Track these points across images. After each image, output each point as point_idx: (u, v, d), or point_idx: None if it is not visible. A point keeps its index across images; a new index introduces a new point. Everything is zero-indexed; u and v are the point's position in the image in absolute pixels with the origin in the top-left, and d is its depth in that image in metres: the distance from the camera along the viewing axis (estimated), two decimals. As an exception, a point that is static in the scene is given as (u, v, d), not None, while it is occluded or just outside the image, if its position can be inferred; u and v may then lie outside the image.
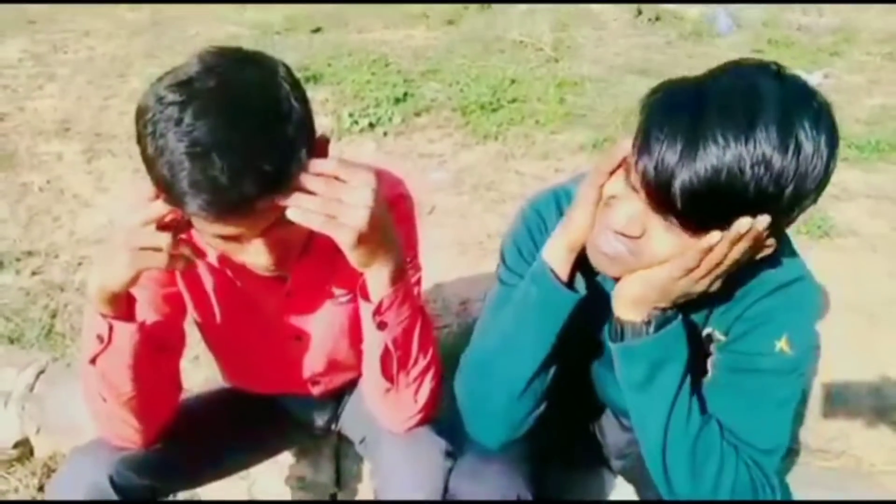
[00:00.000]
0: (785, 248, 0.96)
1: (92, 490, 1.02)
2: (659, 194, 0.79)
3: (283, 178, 0.83)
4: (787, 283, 0.96)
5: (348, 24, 4.71)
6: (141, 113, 0.84)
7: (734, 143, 0.73)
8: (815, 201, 0.80)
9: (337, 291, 1.15)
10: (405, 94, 3.59)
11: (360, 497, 1.64)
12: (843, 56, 4.37)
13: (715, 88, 0.79)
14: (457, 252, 2.47)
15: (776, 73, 0.79)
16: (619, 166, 0.88)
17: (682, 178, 0.75)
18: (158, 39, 4.49)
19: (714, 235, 0.80)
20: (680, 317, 0.94)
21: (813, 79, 3.94)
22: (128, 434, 1.08)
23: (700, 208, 0.77)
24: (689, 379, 0.95)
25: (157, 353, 1.04)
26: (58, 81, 3.93)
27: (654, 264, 0.88)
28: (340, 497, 1.66)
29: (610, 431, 1.39)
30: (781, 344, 0.94)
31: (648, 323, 0.93)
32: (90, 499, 1.02)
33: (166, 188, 0.83)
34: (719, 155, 0.74)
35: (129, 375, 1.00)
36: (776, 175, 0.74)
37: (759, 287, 0.96)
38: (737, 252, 0.81)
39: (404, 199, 1.14)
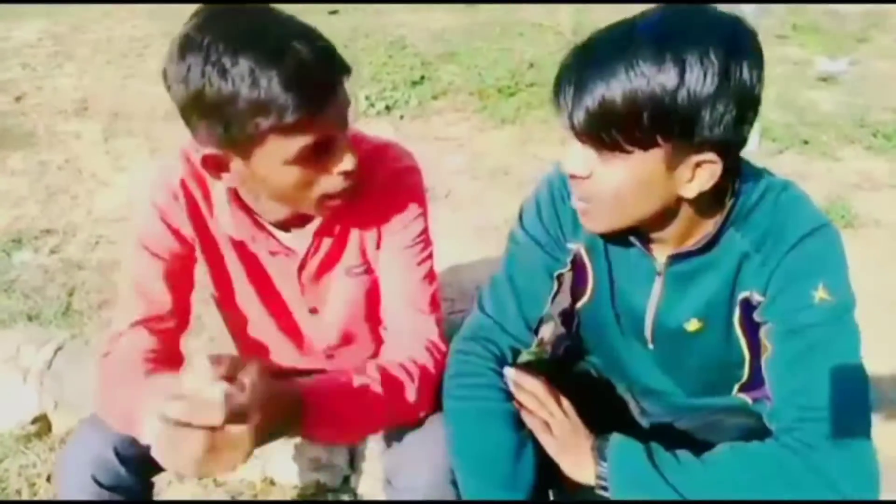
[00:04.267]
0: (802, 201, 0.96)
1: (97, 463, 1.02)
2: (572, 129, 0.84)
3: (340, 56, 0.89)
4: (809, 232, 0.93)
5: (366, 6, 4.68)
6: (185, 73, 0.84)
7: (615, 70, 0.79)
8: (736, 113, 0.80)
9: (351, 262, 1.15)
10: (422, 78, 3.56)
11: (371, 480, 1.64)
12: (870, 42, 4.27)
13: (610, 27, 0.85)
14: (473, 237, 2.45)
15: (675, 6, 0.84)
16: None
17: (580, 110, 0.81)
18: (177, 19, 4.47)
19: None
20: (615, 437, 0.97)
21: (838, 66, 3.86)
22: None
23: (608, 130, 0.82)
24: (689, 456, 0.94)
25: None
26: (77, 61, 3.96)
27: (613, 203, 0.89)
28: (353, 479, 1.66)
29: (629, 414, 1.35)
30: (819, 293, 0.91)
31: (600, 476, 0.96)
32: (97, 473, 1.02)
33: (262, 109, 0.83)
34: (602, 84, 0.79)
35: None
36: (659, 84, 0.78)
37: (783, 241, 0.93)
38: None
39: (412, 171, 1.14)
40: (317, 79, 0.85)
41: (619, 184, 0.87)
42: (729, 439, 1.08)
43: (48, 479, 1.63)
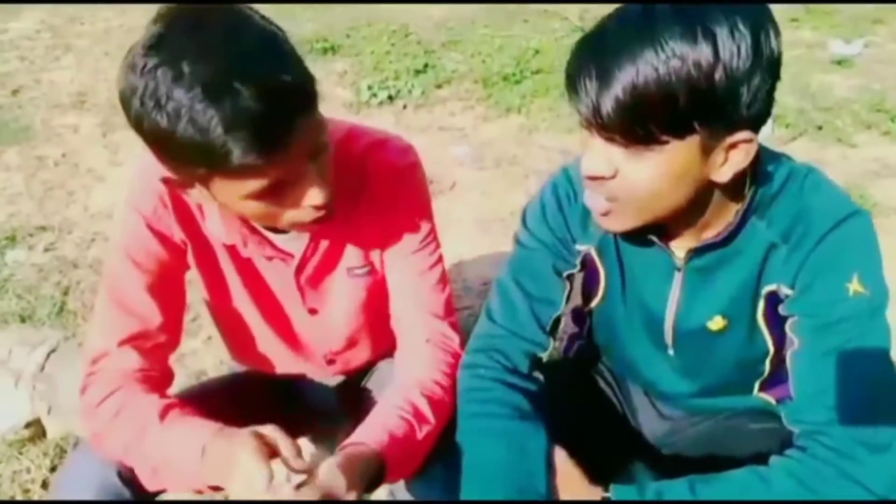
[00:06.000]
0: (830, 187, 0.90)
1: (101, 488, 0.97)
2: (598, 124, 0.77)
3: (308, 90, 0.78)
4: (842, 219, 0.87)
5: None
6: (129, 96, 0.75)
7: (642, 53, 0.72)
8: (769, 85, 0.76)
9: (353, 263, 1.09)
10: (425, 66, 3.49)
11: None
12: (886, 23, 4.16)
13: (621, 9, 0.78)
14: (479, 230, 2.39)
15: None
16: None
17: (608, 101, 0.74)
18: (175, 10, 4.41)
19: None
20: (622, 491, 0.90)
21: (852, 48, 3.75)
22: None
23: (642, 121, 0.75)
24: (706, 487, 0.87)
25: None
26: (74, 53, 3.90)
27: (646, 199, 0.83)
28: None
29: (645, 419, 1.29)
30: (853, 285, 0.86)
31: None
32: (100, 496, 0.97)
33: (200, 152, 0.75)
34: (631, 69, 0.73)
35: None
36: (695, 64, 0.71)
37: (813, 230, 0.88)
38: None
39: (414, 168, 1.07)
40: (263, 122, 0.73)
41: (651, 179, 0.80)
42: (753, 446, 1.05)
43: (43, 485, 1.59)
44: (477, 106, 3.21)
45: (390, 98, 3.26)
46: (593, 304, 1.10)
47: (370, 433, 0.93)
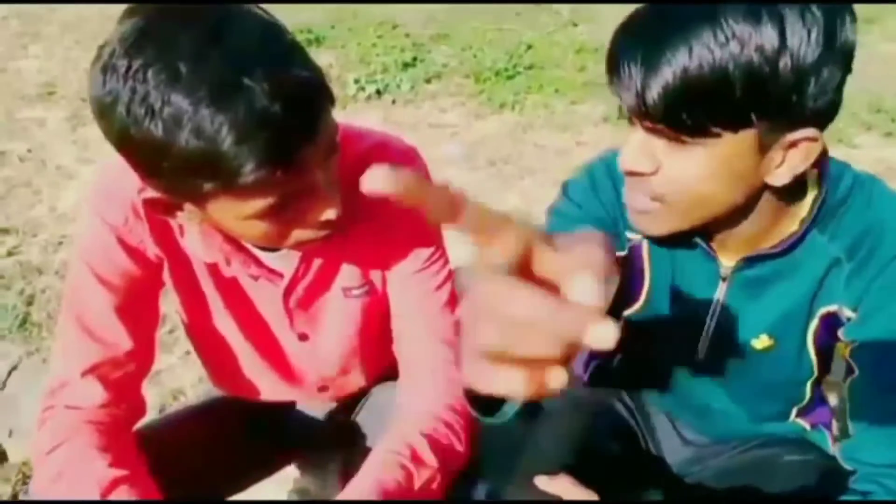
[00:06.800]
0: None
1: None
2: (642, 113, 0.70)
3: (326, 84, 0.68)
4: None
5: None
6: (110, 104, 0.63)
7: (698, 33, 0.65)
8: (839, 79, 0.66)
9: (349, 282, 0.99)
10: (414, 59, 3.39)
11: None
12: (878, 22, 4.13)
13: None
14: (473, 234, 2.28)
15: None
16: None
17: (655, 87, 0.67)
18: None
19: None
20: None
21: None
22: None
23: (692, 110, 0.67)
24: None
25: None
26: (43, 41, 3.74)
27: (687, 199, 0.74)
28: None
29: (667, 445, 1.21)
30: None
31: None
32: None
33: (205, 166, 0.63)
34: (683, 51, 0.65)
35: None
36: (757, 49, 0.63)
37: (884, 248, 0.79)
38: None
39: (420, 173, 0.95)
40: (283, 126, 0.63)
41: (697, 177, 0.71)
42: (787, 480, 0.98)
43: (4, 514, 1.46)
44: (468, 102, 3.11)
45: (378, 93, 3.15)
46: (633, 309, 0.99)
47: (362, 488, 0.84)
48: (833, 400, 1.38)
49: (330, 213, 0.75)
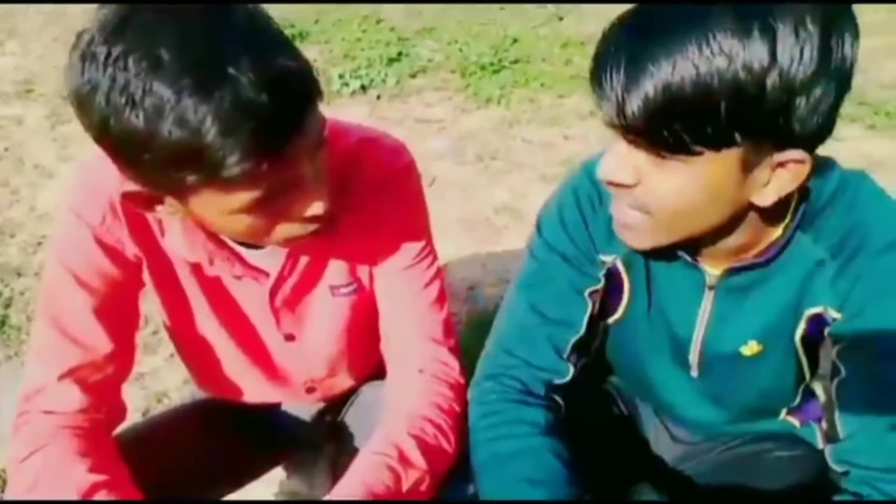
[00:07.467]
0: (887, 197, 0.81)
1: None
2: (621, 125, 0.67)
3: (313, 74, 0.67)
4: None
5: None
6: (89, 94, 0.61)
7: (683, 46, 0.61)
8: (833, 99, 0.63)
9: (337, 280, 0.98)
10: (399, 54, 3.36)
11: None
12: (858, 16, 4.16)
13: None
14: (461, 229, 2.28)
15: None
16: None
17: (635, 100, 0.64)
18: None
19: None
20: None
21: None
22: None
23: (671, 126, 0.64)
24: None
25: None
26: (20, 37, 3.67)
27: (670, 214, 0.72)
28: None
29: (657, 442, 1.21)
30: None
31: None
32: None
33: (189, 158, 0.61)
34: (666, 64, 0.62)
35: None
36: (745, 66, 0.60)
37: (868, 246, 0.78)
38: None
39: (408, 170, 0.94)
40: (270, 117, 0.62)
41: (678, 194, 0.70)
42: (779, 475, 0.98)
43: (-17, 523, 1.43)
44: (455, 96, 3.09)
45: (363, 88, 3.12)
46: (611, 319, 1.00)
47: (349, 491, 0.83)
48: (821, 393, 1.38)
49: (317, 208, 0.73)
